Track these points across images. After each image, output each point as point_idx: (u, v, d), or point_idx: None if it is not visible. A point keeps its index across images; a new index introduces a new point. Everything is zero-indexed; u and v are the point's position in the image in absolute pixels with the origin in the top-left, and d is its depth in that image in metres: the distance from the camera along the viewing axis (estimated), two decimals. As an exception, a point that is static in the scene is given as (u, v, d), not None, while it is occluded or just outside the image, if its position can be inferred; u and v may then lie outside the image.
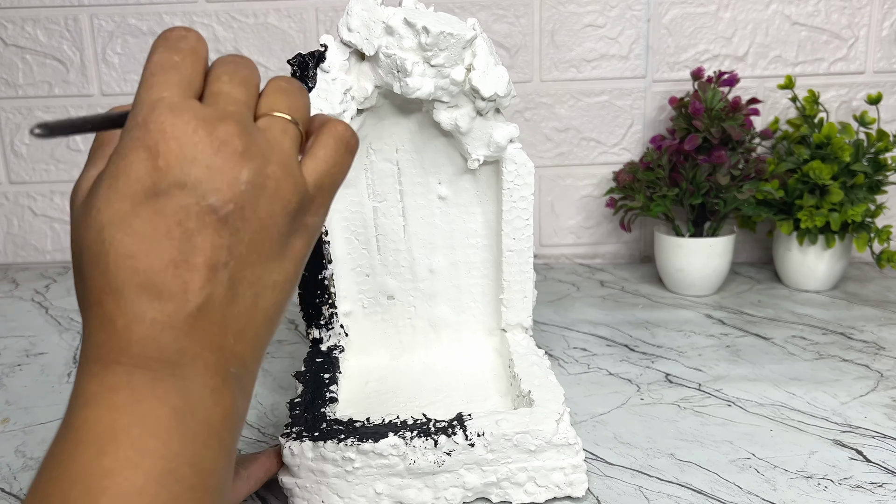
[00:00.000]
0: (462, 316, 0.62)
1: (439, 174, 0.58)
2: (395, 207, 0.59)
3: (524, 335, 0.61)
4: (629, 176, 0.84)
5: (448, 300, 0.61)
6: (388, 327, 0.62)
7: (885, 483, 0.47)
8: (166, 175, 0.27)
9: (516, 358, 0.56)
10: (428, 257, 0.60)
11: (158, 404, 0.27)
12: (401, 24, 0.50)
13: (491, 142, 0.55)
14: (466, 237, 0.60)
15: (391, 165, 0.58)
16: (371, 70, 0.52)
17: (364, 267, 0.60)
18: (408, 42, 0.50)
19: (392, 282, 0.61)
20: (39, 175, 0.95)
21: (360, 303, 0.61)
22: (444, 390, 0.56)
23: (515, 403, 0.53)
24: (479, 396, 0.55)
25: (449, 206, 0.59)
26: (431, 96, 0.52)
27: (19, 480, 0.49)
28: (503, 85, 0.53)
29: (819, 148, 0.82)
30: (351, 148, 0.33)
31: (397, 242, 0.60)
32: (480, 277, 0.61)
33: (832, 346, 0.69)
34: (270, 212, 0.29)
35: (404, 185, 0.58)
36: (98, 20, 0.91)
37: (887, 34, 0.90)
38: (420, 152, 0.58)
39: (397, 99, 0.55)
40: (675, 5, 0.90)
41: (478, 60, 0.52)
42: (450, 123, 0.54)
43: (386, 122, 0.56)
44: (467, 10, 0.90)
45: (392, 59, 0.50)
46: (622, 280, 0.90)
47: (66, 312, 0.81)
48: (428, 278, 0.61)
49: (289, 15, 0.91)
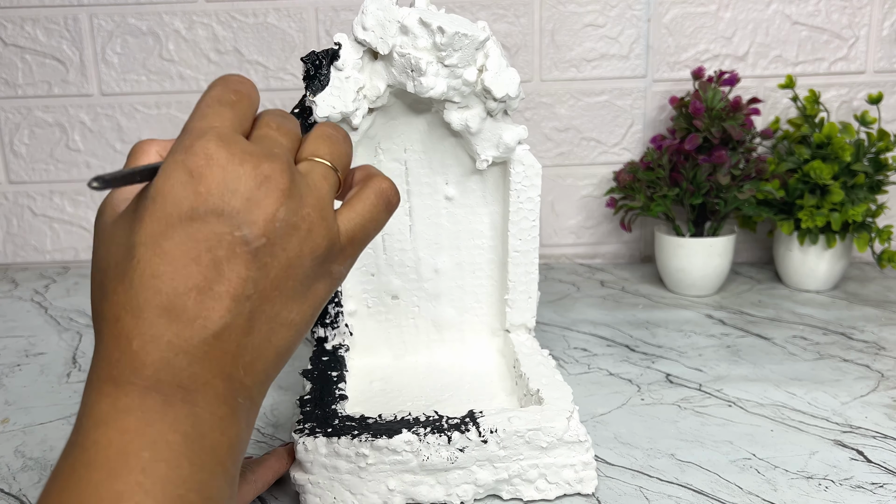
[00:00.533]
0: (465, 316, 0.62)
1: (447, 174, 0.59)
2: (402, 207, 0.59)
3: (528, 336, 0.61)
4: (629, 176, 0.84)
5: (452, 300, 0.62)
6: (392, 327, 0.62)
7: (885, 483, 0.47)
8: (205, 201, 0.28)
9: (521, 357, 0.56)
10: (433, 257, 0.61)
11: (169, 429, 0.27)
12: (416, 24, 0.51)
13: (500, 143, 0.55)
14: (472, 238, 0.61)
15: (399, 165, 0.58)
16: (384, 69, 0.53)
17: (369, 266, 0.60)
18: (422, 42, 0.51)
19: (397, 281, 0.61)
20: (39, 175, 0.95)
21: (365, 302, 0.61)
22: (448, 389, 0.57)
23: (522, 402, 0.53)
24: (485, 395, 0.56)
25: (455, 207, 0.60)
26: (444, 96, 0.52)
27: (18, 480, 0.49)
28: (514, 86, 0.53)
29: (820, 148, 0.81)
30: (391, 206, 0.34)
31: (403, 242, 0.60)
32: (485, 278, 0.62)
33: (833, 346, 0.69)
34: (299, 253, 0.30)
35: (411, 184, 0.59)
36: (98, 20, 0.91)
37: (888, 34, 0.90)
38: (428, 152, 0.58)
39: (408, 98, 0.55)
40: (675, 5, 0.90)
41: (490, 61, 0.52)
42: (460, 124, 0.54)
43: (396, 122, 0.57)
44: (467, 9, 0.90)
45: (406, 58, 0.51)
46: (622, 280, 0.90)
47: (66, 312, 0.81)
48: (432, 278, 0.61)
49: (289, 15, 0.91)
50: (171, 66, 0.92)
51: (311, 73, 0.52)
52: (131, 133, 0.94)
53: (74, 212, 0.96)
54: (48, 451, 0.53)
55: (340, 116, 0.52)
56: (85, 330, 0.76)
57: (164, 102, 0.93)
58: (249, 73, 0.92)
